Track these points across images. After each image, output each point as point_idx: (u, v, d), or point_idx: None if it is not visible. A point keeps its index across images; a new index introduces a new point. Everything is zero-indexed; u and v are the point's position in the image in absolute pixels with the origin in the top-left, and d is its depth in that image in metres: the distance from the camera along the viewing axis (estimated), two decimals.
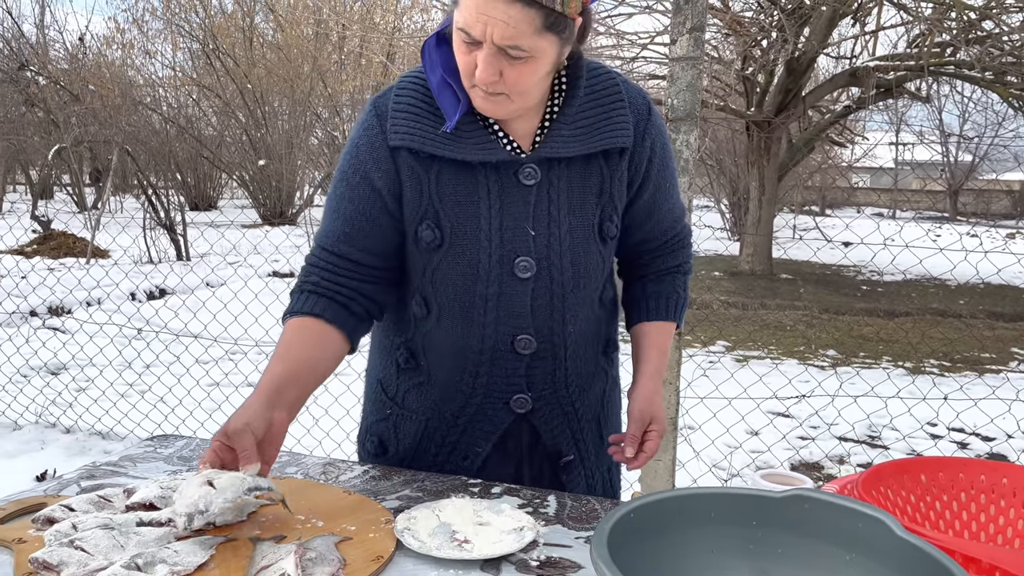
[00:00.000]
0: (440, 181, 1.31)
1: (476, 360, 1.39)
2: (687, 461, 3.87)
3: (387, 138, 1.30)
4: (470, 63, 1.21)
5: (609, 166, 1.36)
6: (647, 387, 1.42)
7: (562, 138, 1.31)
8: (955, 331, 8.06)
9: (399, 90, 1.33)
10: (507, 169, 1.31)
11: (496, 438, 1.43)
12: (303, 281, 1.36)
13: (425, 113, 1.30)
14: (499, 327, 1.36)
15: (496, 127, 1.32)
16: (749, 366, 5.90)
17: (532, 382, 1.41)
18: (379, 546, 1.10)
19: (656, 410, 1.41)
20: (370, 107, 1.35)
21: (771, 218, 12.15)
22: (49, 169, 17.63)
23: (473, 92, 1.25)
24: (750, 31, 9.93)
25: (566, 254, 1.35)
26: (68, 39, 22.04)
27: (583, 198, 1.35)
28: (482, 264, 1.33)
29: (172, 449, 1.48)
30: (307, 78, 18.51)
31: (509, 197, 1.32)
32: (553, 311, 1.37)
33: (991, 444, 4.62)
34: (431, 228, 1.32)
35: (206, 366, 5.37)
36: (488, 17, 1.14)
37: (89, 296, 7.31)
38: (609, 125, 1.33)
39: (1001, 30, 8.71)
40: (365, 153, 1.33)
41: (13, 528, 1.13)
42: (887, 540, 0.86)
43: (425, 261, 1.36)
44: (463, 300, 1.35)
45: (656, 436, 1.38)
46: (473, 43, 1.18)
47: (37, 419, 4.51)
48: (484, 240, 1.32)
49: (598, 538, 0.82)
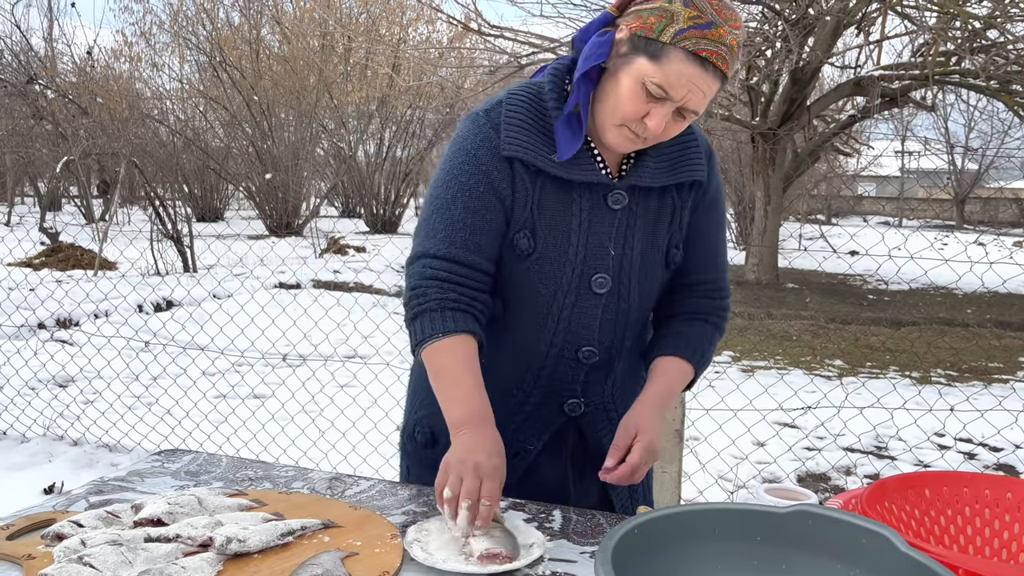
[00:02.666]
0: (542, 194, 1.38)
1: (540, 364, 1.45)
2: (693, 473, 3.87)
3: (502, 148, 1.35)
4: (640, 111, 1.27)
5: (681, 198, 1.46)
6: (639, 408, 1.41)
7: (648, 169, 1.40)
8: (962, 341, 8.04)
9: (510, 104, 1.38)
10: (599, 191, 1.39)
11: (547, 437, 1.49)
12: (442, 298, 1.33)
13: (535, 128, 1.36)
14: (568, 336, 1.44)
15: (596, 151, 1.39)
16: (755, 377, 5.89)
17: (587, 388, 1.48)
18: (385, 561, 1.11)
19: (643, 423, 1.37)
20: (483, 118, 1.38)
21: (777, 228, 12.14)
22: (57, 181, 17.71)
23: (619, 131, 1.31)
24: (754, 41, 9.94)
25: (635, 276, 1.44)
26: (76, 52, 22.17)
27: (657, 226, 1.44)
28: (565, 276, 1.40)
29: (179, 464, 1.49)
30: (313, 90, 18.61)
31: (597, 217, 1.39)
32: (616, 326, 1.46)
33: (999, 455, 4.60)
34: (527, 237, 1.38)
35: (212, 378, 5.38)
36: (695, 87, 1.24)
37: (97, 308, 7.34)
38: (686, 160, 1.43)
39: (1006, 39, 8.71)
40: (487, 162, 1.36)
41: (22, 544, 1.14)
42: (891, 556, 0.86)
43: (513, 266, 1.41)
44: (540, 307, 1.42)
45: (639, 448, 1.33)
46: (660, 99, 1.25)
47: (45, 432, 4.52)
48: (571, 254, 1.39)
49: (602, 554, 0.83)
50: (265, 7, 20.19)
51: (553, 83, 1.38)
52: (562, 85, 1.38)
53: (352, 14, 20.05)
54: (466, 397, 1.29)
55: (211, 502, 1.24)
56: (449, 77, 12.21)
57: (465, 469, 1.20)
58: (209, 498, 1.25)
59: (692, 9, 1.21)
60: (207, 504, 1.23)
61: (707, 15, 1.21)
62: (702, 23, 1.21)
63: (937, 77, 9.26)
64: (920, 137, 22.19)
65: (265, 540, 1.13)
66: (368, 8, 19.67)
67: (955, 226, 26.35)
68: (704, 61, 1.22)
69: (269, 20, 20.54)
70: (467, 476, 1.19)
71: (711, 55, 1.22)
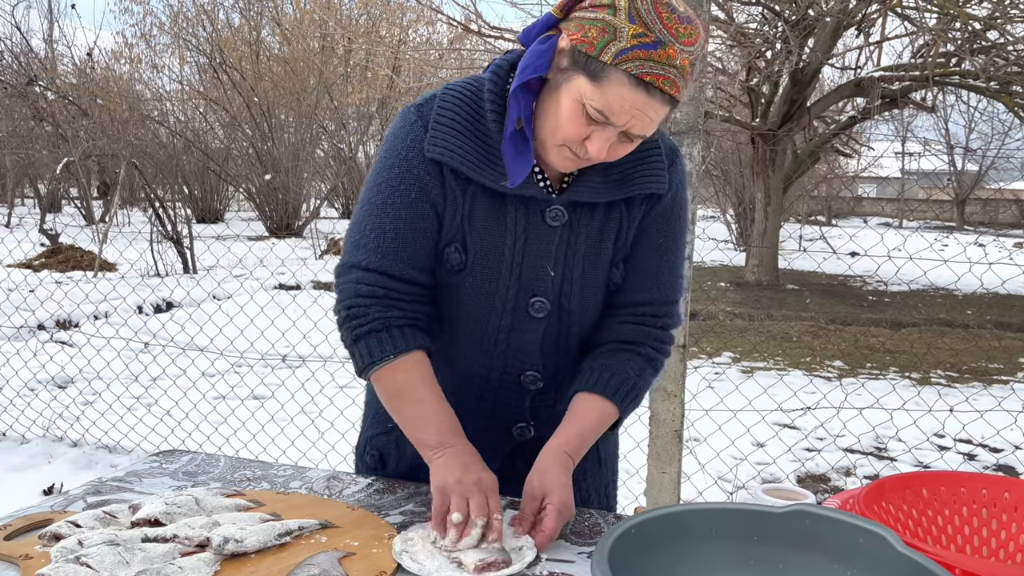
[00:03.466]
0: (474, 205, 1.27)
1: (481, 387, 1.39)
2: (692, 474, 3.86)
3: (426, 149, 1.24)
4: (581, 133, 1.15)
5: (630, 213, 1.33)
6: (546, 459, 1.26)
7: (592, 184, 1.28)
8: (962, 342, 8.03)
9: (443, 101, 1.25)
10: (536, 206, 1.28)
11: (497, 463, 1.42)
12: (384, 316, 1.25)
13: (467, 131, 1.24)
14: (508, 360, 1.36)
15: (534, 163, 1.27)
16: (755, 378, 5.89)
17: (536, 413, 1.42)
18: (382, 562, 1.11)
19: (550, 483, 1.21)
20: (414, 115, 1.26)
21: (777, 229, 12.14)
22: (57, 183, 17.70)
23: (559, 150, 1.19)
24: (754, 42, 9.95)
25: (576, 297, 1.34)
26: (76, 54, 22.16)
27: (600, 244, 1.32)
28: (499, 295, 1.31)
29: (178, 464, 1.49)
30: (313, 91, 18.62)
31: (533, 234, 1.29)
32: (559, 350, 1.38)
33: (998, 456, 4.60)
34: (458, 251, 1.29)
35: (212, 379, 5.38)
36: (640, 112, 1.12)
37: (96, 310, 7.34)
38: (643, 172, 1.30)
39: (1006, 40, 8.71)
40: (418, 165, 1.25)
41: (19, 544, 1.14)
42: (888, 555, 0.86)
43: (445, 281, 1.32)
44: (475, 327, 1.34)
45: (552, 512, 1.18)
46: (601, 123, 1.14)
47: (44, 433, 4.53)
48: (505, 272, 1.30)
49: (599, 554, 0.83)
50: (265, 8, 20.21)
51: (494, 82, 1.25)
52: (503, 85, 1.26)
53: (352, 15, 20.07)
54: (435, 416, 1.23)
55: (209, 502, 1.24)
56: (449, 78, 12.22)
57: (468, 489, 1.16)
58: (207, 498, 1.25)
59: (638, 25, 1.08)
60: (205, 504, 1.23)
61: (654, 32, 1.08)
62: (648, 42, 1.08)
63: (937, 78, 9.26)
64: (920, 138, 22.24)
65: (262, 540, 1.13)
66: (368, 9, 19.69)
67: (955, 227, 26.35)
68: (648, 86, 1.09)
69: (269, 21, 20.57)
70: (473, 495, 1.15)
71: (656, 79, 1.09)
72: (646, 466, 2.75)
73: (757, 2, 9.73)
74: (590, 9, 1.12)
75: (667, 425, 2.71)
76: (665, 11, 1.09)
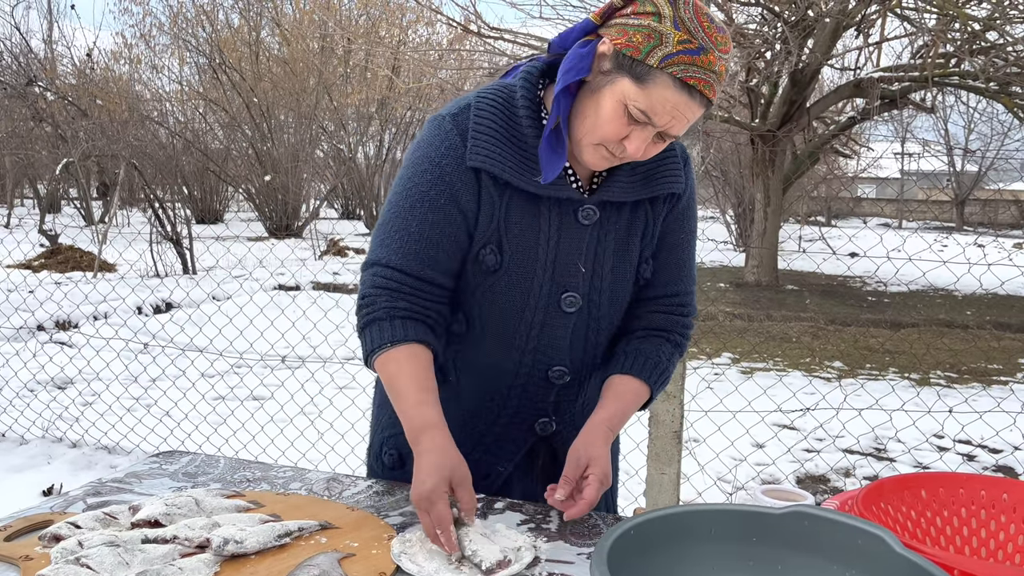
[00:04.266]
0: (509, 208, 1.31)
1: (509, 384, 1.41)
2: (692, 475, 3.87)
3: (468, 158, 1.28)
4: (620, 133, 1.21)
5: (655, 211, 1.40)
6: (589, 432, 1.32)
7: (621, 183, 1.34)
8: (961, 342, 8.04)
9: (478, 110, 1.30)
10: (569, 206, 1.33)
11: (519, 458, 1.46)
12: (391, 306, 1.28)
13: (504, 137, 1.29)
14: (537, 355, 1.39)
15: (567, 164, 1.33)
16: (754, 378, 5.89)
17: (558, 407, 1.45)
18: (382, 563, 1.11)
19: (595, 453, 1.28)
20: (449, 124, 1.30)
21: (776, 229, 12.14)
22: (57, 183, 17.71)
23: (596, 149, 1.25)
24: (754, 43, 9.95)
25: (606, 292, 1.40)
26: (76, 54, 22.17)
27: (628, 241, 1.39)
28: (533, 293, 1.35)
29: (177, 465, 1.49)
30: (313, 92, 18.63)
31: (566, 233, 1.34)
32: (587, 344, 1.42)
33: (997, 457, 4.60)
34: (494, 252, 1.33)
35: (211, 380, 5.38)
36: (680, 114, 1.18)
37: (96, 310, 7.34)
38: (663, 172, 1.37)
39: (1005, 40, 8.72)
40: (451, 173, 1.29)
41: (20, 545, 1.14)
42: (886, 557, 0.86)
43: (478, 282, 1.35)
44: (508, 325, 1.37)
45: (594, 482, 1.25)
46: (641, 123, 1.20)
47: (44, 433, 4.52)
48: (539, 270, 1.34)
49: (598, 555, 0.83)
50: (265, 9, 20.22)
51: (526, 89, 1.30)
52: (535, 91, 1.31)
53: (352, 16, 20.08)
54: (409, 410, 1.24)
55: (208, 503, 1.24)
56: (449, 79, 12.22)
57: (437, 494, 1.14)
58: (207, 499, 1.25)
59: (682, 32, 1.14)
60: (204, 505, 1.24)
61: (697, 39, 1.14)
62: (692, 48, 1.14)
63: (936, 79, 9.27)
64: (920, 139, 22.29)
65: (262, 541, 1.13)
66: (368, 10, 19.71)
67: (955, 228, 26.35)
68: (691, 89, 1.16)
69: (269, 22, 20.57)
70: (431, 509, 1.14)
71: (699, 83, 1.15)
72: (645, 467, 2.76)
73: (757, 3, 9.74)
74: (633, 16, 1.18)
75: (666, 426, 2.72)
76: (706, 20, 1.16)
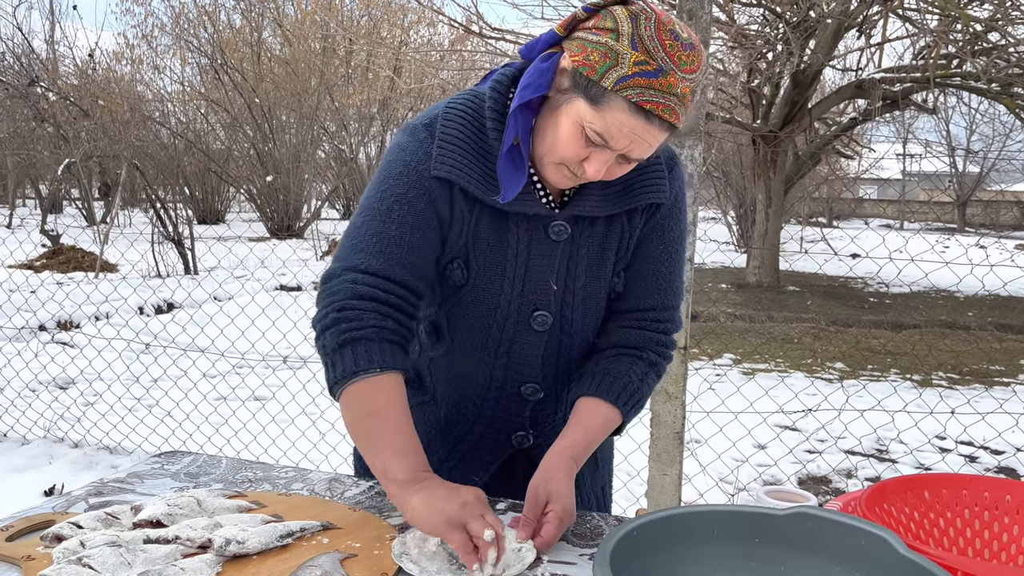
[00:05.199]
0: (479, 223, 1.26)
1: (481, 396, 1.39)
2: (693, 476, 3.87)
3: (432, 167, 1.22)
4: (579, 154, 1.15)
5: (631, 223, 1.33)
6: (549, 465, 1.24)
7: (593, 197, 1.27)
8: (963, 343, 8.03)
9: (445, 121, 1.24)
10: (538, 222, 1.28)
11: (495, 468, 1.44)
12: (380, 326, 1.18)
13: (471, 149, 1.23)
14: (508, 371, 1.36)
15: (535, 178, 1.27)
16: (756, 379, 5.89)
17: (536, 421, 1.42)
18: (383, 563, 1.11)
19: (554, 489, 1.20)
20: (424, 133, 1.25)
21: (778, 230, 12.13)
22: (59, 184, 17.71)
23: (558, 168, 1.19)
24: (755, 44, 9.95)
25: (578, 309, 1.35)
26: (78, 55, 22.15)
27: (602, 256, 1.33)
28: (500, 310, 1.31)
29: (179, 466, 1.49)
30: (314, 92, 18.63)
31: (537, 250, 1.29)
32: (559, 361, 1.38)
33: (1000, 458, 4.59)
34: (460, 268, 1.29)
35: (213, 380, 5.38)
36: (638, 138, 1.12)
37: (97, 311, 7.34)
38: (643, 183, 1.29)
39: (1007, 41, 8.71)
40: (429, 179, 1.23)
41: (22, 545, 1.14)
42: (890, 558, 0.86)
43: (444, 296, 1.32)
44: (476, 339, 1.34)
45: (554, 519, 1.16)
46: (599, 145, 1.14)
47: (45, 434, 4.53)
48: (507, 287, 1.30)
49: (601, 556, 0.83)
50: (267, 10, 20.22)
51: (494, 98, 1.23)
52: (504, 100, 1.24)
53: (353, 17, 20.09)
54: (410, 448, 1.16)
55: (210, 503, 1.24)
56: (450, 80, 12.22)
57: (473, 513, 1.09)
58: (208, 499, 1.25)
59: (640, 52, 1.07)
60: (206, 505, 1.23)
61: (656, 60, 1.07)
62: (649, 70, 1.07)
63: (938, 80, 9.25)
64: (921, 140, 22.25)
65: (264, 542, 1.13)
66: (369, 11, 19.72)
67: (956, 229, 26.34)
68: (648, 113, 1.09)
69: (271, 23, 20.58)
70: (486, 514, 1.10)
71: (656, 107, 1.08)
72: (647, 468, 2.75)
73: (758, 3, 9.74)
74: (593, 31, 1.11)
75: (668, 427, 2.71)
76: (668, 38, 1.08)
